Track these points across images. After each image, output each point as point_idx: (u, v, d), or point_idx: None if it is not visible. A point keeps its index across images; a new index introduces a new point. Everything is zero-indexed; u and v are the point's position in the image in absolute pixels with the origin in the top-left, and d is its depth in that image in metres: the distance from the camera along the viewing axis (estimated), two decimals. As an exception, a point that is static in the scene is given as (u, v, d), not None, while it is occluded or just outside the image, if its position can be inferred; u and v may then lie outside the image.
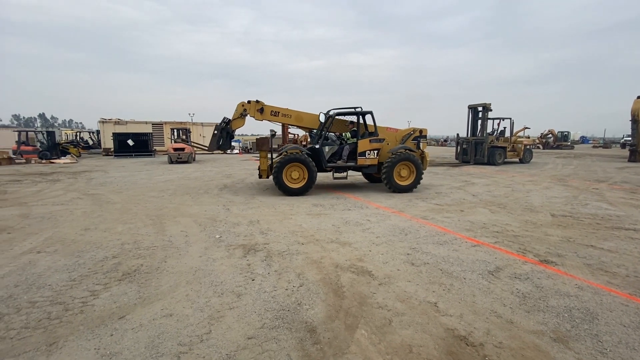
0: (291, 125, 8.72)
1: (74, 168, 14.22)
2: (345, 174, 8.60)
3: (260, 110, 8.21)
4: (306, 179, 7.83)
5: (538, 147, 35.17)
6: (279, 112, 8.37)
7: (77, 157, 20.12)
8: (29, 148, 18.71)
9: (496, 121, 17.60)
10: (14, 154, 18.03)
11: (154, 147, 22.10)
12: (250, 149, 28.40)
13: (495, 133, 17.54)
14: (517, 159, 17.88)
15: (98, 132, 25.15)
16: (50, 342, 2.32)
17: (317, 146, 8.19)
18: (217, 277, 3.38)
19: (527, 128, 21.94)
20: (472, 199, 7.70)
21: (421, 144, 8.92)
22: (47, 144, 18.86)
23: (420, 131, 9.00)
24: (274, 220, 5.66)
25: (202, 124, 27.25)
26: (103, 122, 23.62)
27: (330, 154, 8.41)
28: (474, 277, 3.41)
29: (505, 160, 17.03)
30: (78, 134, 28.07)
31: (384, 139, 8.45)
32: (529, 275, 3.47)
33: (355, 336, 2.42)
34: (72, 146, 20.85)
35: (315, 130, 8.76)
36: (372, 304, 2.86)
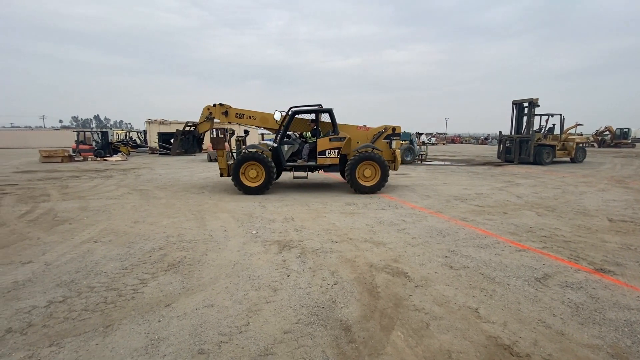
0: (257, 126, 8.63)
1: (124, 165, 15.37)
2: (305, 173, 8.46)
3: (224, 113, 8.27)
4: (263, 178, 7.76)
5: (592, 146, 32.26)
6: (243, 114, 8.40)
7: (127, 155, 21.70)
8: (86, 147, 20.47)
9: (544, 117, 16.39)
10: (73, 152, 19.84)
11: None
12: None
13: (543, 130, 16.36)
14: (567, 159, 16.56)
15: (145, 131, 26.91)
16: (107, 324, 2.53)
17: (275, 145, 8.12)
18: (254, 271, 3.49)
19: (579, 124, 20.20)
20: (516, 200, 7.25)
21: (394, 142, 8.49)
22: (101, 143, 20.56)
23: (393, 129, 8.56)
24: (308, 218, 5.73)
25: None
26: (149, 122, 25.24)
27: (291, 153, 8.28)
28: (519, 284, 3.22)
29: (554, 159, 15.84)
30: (127, 133, 30.26)
31: (345, 138, 8.05)
32: (583, 285, 3.20)
33: (391, 337, 2.38)
34: (122, 145, 22.53)
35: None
36: (409, 306, 2.80)
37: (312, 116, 8.46)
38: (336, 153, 8.00)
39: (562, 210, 6.31)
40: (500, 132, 17.41)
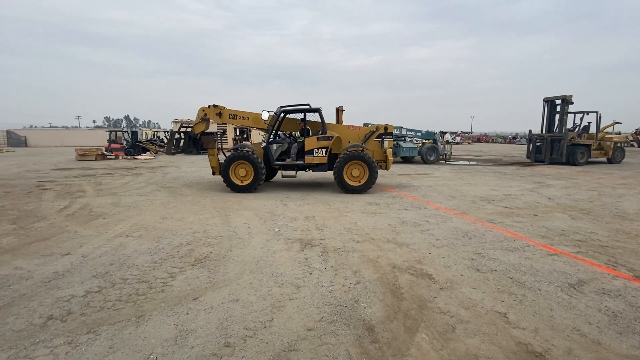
0: (250, 127, 8.78)
1: (152, 164, 15.99)
2: (294, 172, 8.53)
3: (218, 114, 8.48)
4: (252, 177, 7.87)
5: (632, 145, 30.28)
6: (236, 115, 8.58)
7: (155, 153, 22.55)
8: (118, 146, 21.46)
9: (578, 115, 15.56)
10: (106, 150, 20.85)
11: (219, 145, 23.79)
12: None
13: (577, 129, 15.53)
14: (604, 159, 15.65)
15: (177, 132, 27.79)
16: (139, 314, 2.65)
17: (263, 144, 8.23)
18: (277, 268, 3.54)
19: (617, 123, 19.00)
20: (547, 202, 6.93)
21: (386, 142, 8.35)
22: (131, 142, 21.49)
23: (385, 128, 8.42)
24: (329, 217, 5.73)
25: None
26: (176, 122, 26.10)
27: (280, 152, 8.38)
28: (551, 289, 3.08)
29: (589, 159, 15.01)
30: (155, 133, 31.44)
31: (332, 137, 8.01)
32: (621, 292, 3.02)
33: (415, 339, 2.35)
34: (150, 144, 23.42)
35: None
36: (433, 309, 2.75)
37: (309, 116, 8.59)
38: (324, 152, 8.02)
39: (599, 213, 5.97)
40: (529, 130, 16.69)
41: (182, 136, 8.90)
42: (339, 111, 12.60)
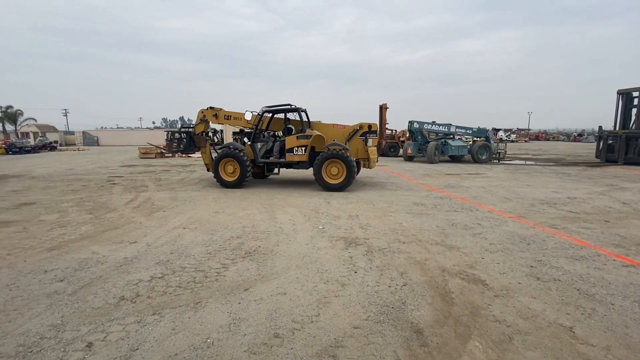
0: (243, 127, 9.21)
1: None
2: (277, 170, 8.99)
3: (215, 115, 9.09)
4: (239, 173, 8.27)
5: None
6: (231, 116, 9.06)
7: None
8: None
9: (662, 109, 13.61)
10: (163, 149, 22.65)
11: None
12: None
13: (660, 125, 13.60)
14: (695, 159, 13.49)
15: (222, 131, 29.42)
16: (196, 301, 2.86)
17: (248, 143, 8.50)
18: (322, 265, 3.59)
19: None
20: (621, 207, 6.17)
21: (370, 140, 8.22)
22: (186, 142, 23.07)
23: (369, 126, 8.28)
24: (373, 216, 5.67)
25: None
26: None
27: (265, 151, 8.65)
28: (627, 304, 2.75)
29: (676, 160, 13.06)
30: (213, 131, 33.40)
31: (311, 136, 7.98)
32: None
33: (467, 347, 2.24)
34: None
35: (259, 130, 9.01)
36: (487, 316, 2.60)
37: (295, 115, 8.74)
38: (303, 150, 8.19)
39: (688, 221, 5.19)
40: (600, 127, 14.96)
41: (184, 136, 9.68)
42: (382, 109, 12.36)
